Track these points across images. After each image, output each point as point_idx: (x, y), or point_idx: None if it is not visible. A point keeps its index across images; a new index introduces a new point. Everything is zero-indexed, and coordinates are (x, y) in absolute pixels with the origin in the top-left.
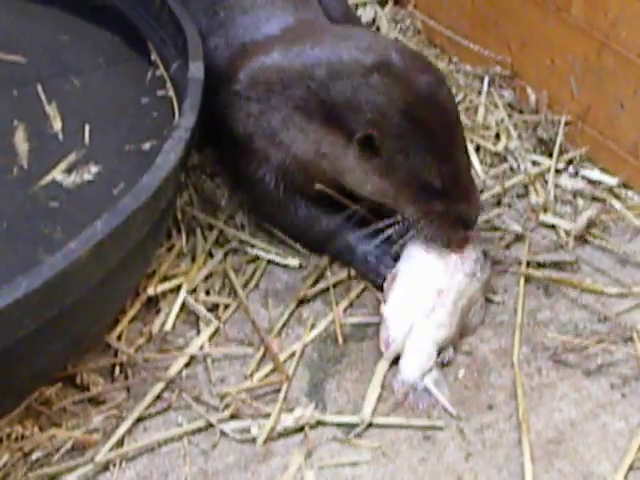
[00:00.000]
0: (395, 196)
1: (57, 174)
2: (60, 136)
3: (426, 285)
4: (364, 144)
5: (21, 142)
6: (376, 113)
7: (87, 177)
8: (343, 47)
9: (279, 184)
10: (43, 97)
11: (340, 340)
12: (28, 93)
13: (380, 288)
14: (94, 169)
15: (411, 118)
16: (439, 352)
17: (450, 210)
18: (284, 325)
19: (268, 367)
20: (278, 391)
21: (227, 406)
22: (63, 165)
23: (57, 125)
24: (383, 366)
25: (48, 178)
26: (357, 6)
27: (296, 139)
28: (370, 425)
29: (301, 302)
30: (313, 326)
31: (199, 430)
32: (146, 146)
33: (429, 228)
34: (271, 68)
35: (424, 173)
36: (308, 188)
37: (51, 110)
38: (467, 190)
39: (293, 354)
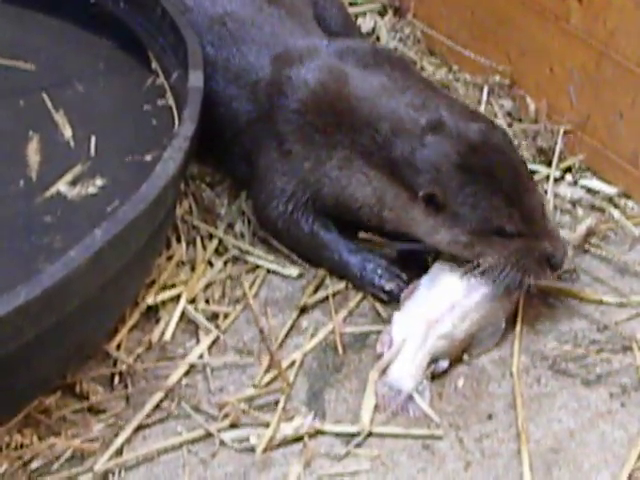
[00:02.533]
0: (469, 246)
1: (62, 186)
2: (70, 146)
3: (440, 298)
4: (429, 201)
5: (33, 153)
6: (434, 171)
7: (91, 190)
8: (401, 103)
9: (301, 200)
10: (50, 106)
11: (340, 350)
12: (34, 102)
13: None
14: (99, 182)
15: (467, 169)
16: (434, 362)
17: (532, 247)
18: (286, 335)
19: (268, 376)
20: (277, 400)
21: (226, 415)
22: (68, 177)
23: (67, 134)
24: (374, 375)
25: (52, 190)
26: (357, 16)
27: (358, 182)
28: (369, 434)
29: (300, 311)
30: (312, 335)
31: (198, 439)
32: (148, 157)
33: (512, 269)
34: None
35: (494, 219)
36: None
37: (60, 119)
38: (545, 228)
39: (293, 363)
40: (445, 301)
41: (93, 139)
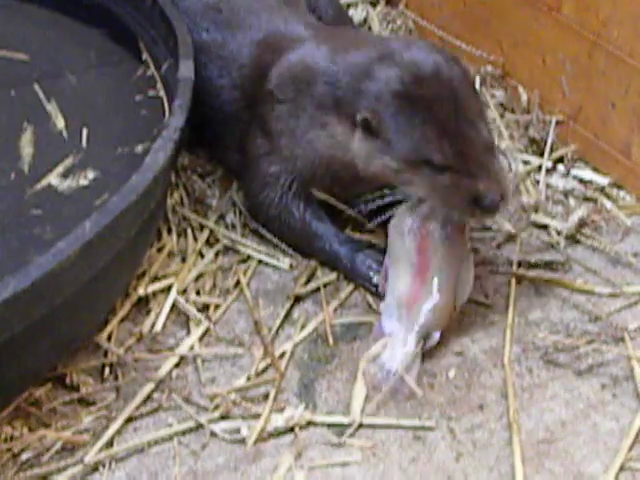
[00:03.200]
0: (398, 175)
1: (53, 179)
2: (62, 137)
3: (406, 272)
4: (365, 128)
5: (26, 145)
6: (373, 98)
7: (83, 182)
8: (361, 50)
9: (291, 186)
10: (42, 96)
11: (330, 341)
12: (25, 93)
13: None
14: (91, 175)
15: (406, 97)
16: (425, 338)
17: (460, 184)
18: (277, 325)
19: (259, 367)
20: (268, 392)
21: (217, 407)
22: (60, 169)
23: (60, 125)
24: (363, 364)
25: (44, 183)
26: (349, 6)
27: (321, 134)
28: (360, 425)
29: (292, 302)
30: (303, 326)
31: (189, 430)
32: (139, 149)
33: (436, 205)
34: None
35: (422, 149)
36: (323, 188)
37: (52, 109)
38: (482, 167)
39: (283, 354)
40: (410, 274)
41: (85, 131)
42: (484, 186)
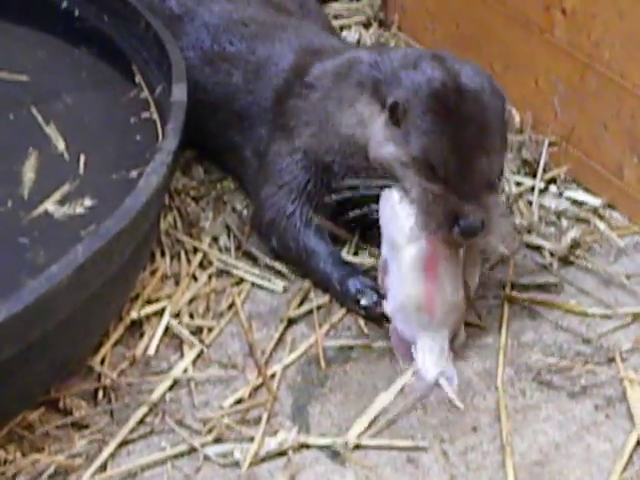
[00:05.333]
0: (401, 169)
1: (50, 205)
2: (61, 161)
3: (413, 271)
4: (392, 113)
5: (29, 170)
6: (410, 88)
7: (79, 211)
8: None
9: (303, 191)
10: (41, 120)
11: (322, 364)
12: (24, 116)
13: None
14: (88, 202)
15: (438, 102)
16: (454, 338)
17: (447, 199)
18: (270, 348)
19: (253, 390)
20: (262, 415)
21: (210, 430)
22: (57, 196)
23: (60, 149)
24: (389, 395)
25: (40, 209)
26: (342, 28)
27: (345, 115)
28: (354, 448)
29: (286, 325)
30: (296, 349)
31: (183, 454)
32: (133, 174)
33: (420, 211)
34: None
35: (431, 154)
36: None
37: (52, 133)
38: (473, 193)
39: (275, 376)
40: (418, 275)
41: (82, 156)
42: (468, 209)
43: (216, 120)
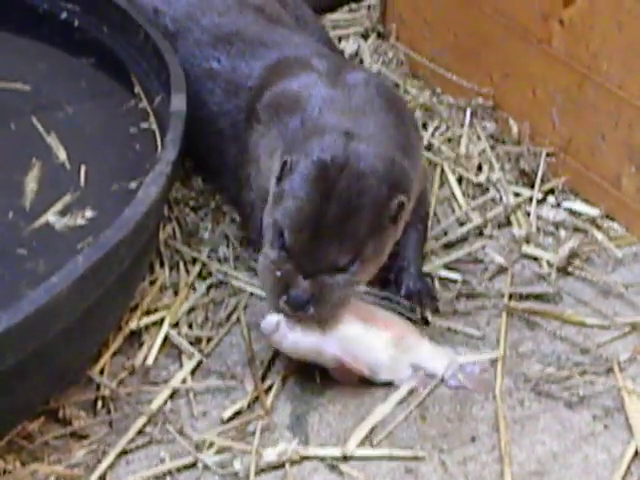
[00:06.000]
0: (266, 226)
1: (51, 216)
2: (62, 173)
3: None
4: (282, 170)
5: (32, 181)
6: (302, 153)
7: (80, 222)
8: (334, 109)
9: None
10: (42, 130)
11: (317, 378)
12: (25, 126)
13: None
14: (89, 214)
15: (315, 173)
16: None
17: (283, 266)
18: (268, 358)
19: (252, 401)
20: (261, 425)
21: (210, 441)
22: (58, 206)
23: (61, 159)
24: (387, 405)
25: (41, 220)
26: (340, 39)
27: (266, 164)
28: (352, 458)
29: None
30: (295, 359)
31: (182, 464)
32: (132, 185)
33: (258, 270)
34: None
35: (285, 223)
36: None
37: (53, 143)
38: (311, 267)
39: (274, 387)
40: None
41: (83, 167)
42: (300, 282)
43: (203, 138)
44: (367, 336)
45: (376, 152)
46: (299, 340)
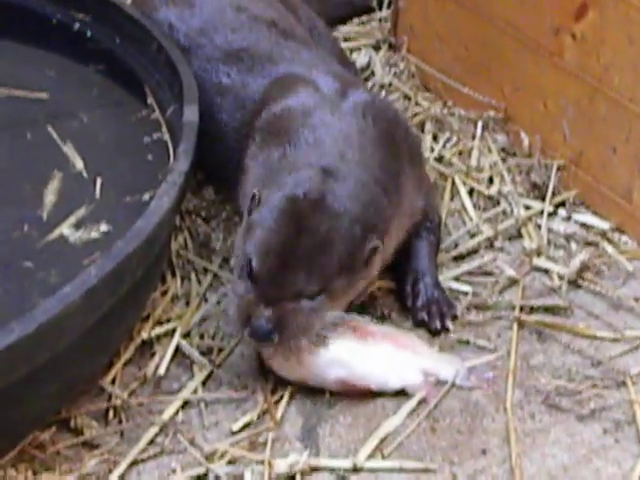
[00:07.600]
0: (237, 256)
1: (65, 229)
2: (78, 184)
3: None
4: (252, 202)
5: (51, 192)
6: (275, 185)
7: (94, 235)
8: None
9: None
10: (58, 140)
11: (327, 390)
12: (40, 136)
13: None
14: (103, 227)
15: (285, 206)
16: None
17: (247, 296)
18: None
19: (263, 411)
20: (272, 436)
21: (221, 451)
22: (72, 219)
23: (77, 170)
24: (398, 417)
25: (56, 233)
26: (351, 51)
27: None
28: (363, 469)
29: None
30: None
31: (193, 475)
32: (146, 197)
33: (229, 300)
34: None
35: (252, 253)
36: None
37: (70, 153)
38: (274, 298)
39: (284, 398)
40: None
41: (99, 179)
42: (262, 313)
43: (212, 151)
44: (366, 351)
45: (354, 193)
46: (295, 369)
